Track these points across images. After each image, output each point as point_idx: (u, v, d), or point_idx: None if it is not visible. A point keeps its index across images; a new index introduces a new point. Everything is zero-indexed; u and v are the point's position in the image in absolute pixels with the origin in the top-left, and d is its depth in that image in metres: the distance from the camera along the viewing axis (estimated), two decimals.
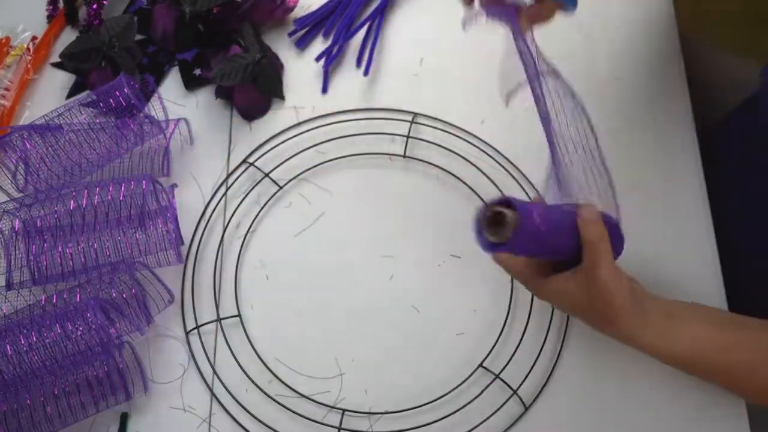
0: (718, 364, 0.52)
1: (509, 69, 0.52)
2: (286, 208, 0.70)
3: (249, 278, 0.68)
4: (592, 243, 0.48)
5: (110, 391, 0.59)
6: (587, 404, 0.61)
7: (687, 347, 0.52)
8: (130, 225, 0.62)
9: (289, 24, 0.78)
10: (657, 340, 0.51)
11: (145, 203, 0.63)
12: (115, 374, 0.59)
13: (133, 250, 0.63)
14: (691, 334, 0.52)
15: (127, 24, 0.75)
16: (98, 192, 0.62)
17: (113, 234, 0.62)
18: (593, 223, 0.49)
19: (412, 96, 0.73)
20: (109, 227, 0.62)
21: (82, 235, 0.61)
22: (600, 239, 0.48)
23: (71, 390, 0.58)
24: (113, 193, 0.62)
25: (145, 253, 0.63)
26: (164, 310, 0.65)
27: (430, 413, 0.61)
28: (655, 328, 0.51)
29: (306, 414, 0.61)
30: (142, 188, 0.63)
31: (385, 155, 0.71)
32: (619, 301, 0.49)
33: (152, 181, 0.64)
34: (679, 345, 0.52)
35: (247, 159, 0.72)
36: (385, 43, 0.77)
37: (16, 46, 0.79)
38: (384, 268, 0.67)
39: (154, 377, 0.64)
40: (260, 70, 0.72)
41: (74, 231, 0.61)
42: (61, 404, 0.58)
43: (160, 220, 0.63)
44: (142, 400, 0.63)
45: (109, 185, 0.63)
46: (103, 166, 0.69)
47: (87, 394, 0.58)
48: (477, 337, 0.64)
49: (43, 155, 0.64)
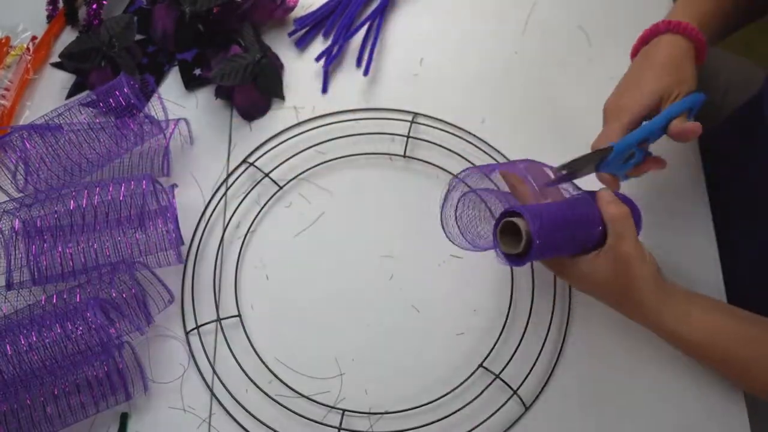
0: (737, 357, 0.53)
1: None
2: (286, 208, 0.70)
3: (249, 278, 0.68)
4: (616, 220, 0.50)
5: (110, 392, 0.59)
6: (587, 404, 0.61)
7: (707, 334, 0.53)
8: (130, 225, 0.62)
9: (289, 24, 0.78)
10: (677, 323, 0.53)
11: (145, 203, 0.63)
12: (115, 374, 0.59)
13: (133, 250, 0.62)
14: (712, 322, 0.53)
15: (127, 24, 0.75)
16: (98, 192, 0.62)
17: (113, 234, 0.62)
18: (614, 203, 0.51)
19: (412, 96, 0.73)
20: (109, 227, 0.62)
21: (82, 235, 0.61)
22: (623, 216, 0.51)
23: (71, 390, 0.58)
24: (113, 193, 0.62)
25: (145, 253, 0.63)
26: (164, 310, 0.65)
27: (430, 413, 0.61)
28: (676, 311, 0.53)
29: (306, 414, 0.61)
30: (142, 188, 0.63)
31: (385, 155, 0.71)
32: (643, 273, 0.51)
33: (152, 181, 0.64)
34: (699, 331, 0.53)
35: (247, 159, 0.72)
36: (385, 43, 0.77)
37: (16, 46, 0.79)
38: (384, 268, 0.67)
39: (154, 377, 0.64)
40: (260, 70, 0.72)
41: (74, 231, 0.61)
42: (61, 404, 0.58)
43: (160, 221, 0.63)
44: (142, 400, 0.63)
45: (109, 185, 0.63)
46: (103, 166, 0.69)
47: (87, 395, 0.58)
48: (477, 337, 0.64)
49: (43, 155, 0.64)
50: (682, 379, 0.60)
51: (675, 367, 0.61)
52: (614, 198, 0.52)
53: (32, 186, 0.65)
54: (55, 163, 0.65)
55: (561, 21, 0.77)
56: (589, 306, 0.64)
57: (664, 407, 0.60)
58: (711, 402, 0.60)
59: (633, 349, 0.62)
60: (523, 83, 0.74)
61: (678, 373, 0.61)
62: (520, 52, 0.75)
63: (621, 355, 0.62)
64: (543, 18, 0.77)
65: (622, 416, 0.60)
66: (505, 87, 0.74)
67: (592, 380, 0.61)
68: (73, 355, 0.57)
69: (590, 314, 0.64)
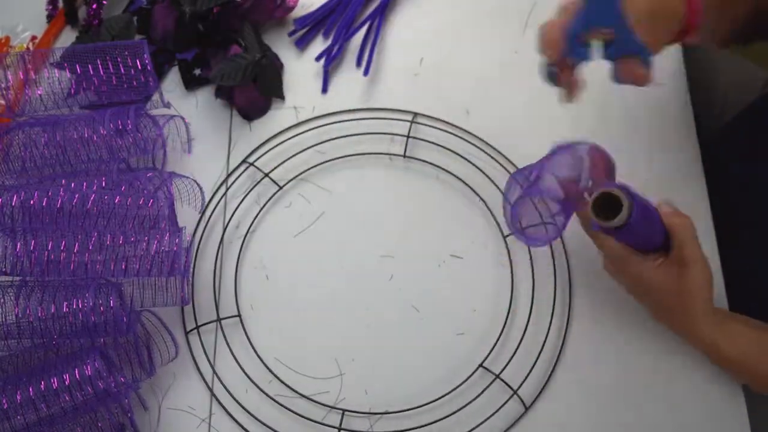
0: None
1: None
2: (286, 208, 0.70)
3: (249, 278, 0.68)
4: (680, 229, 0.53)
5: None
6: (587, 404, 0.61)
7: (743, 350, 0.55)
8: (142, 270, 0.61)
9: (289, 24, 0.78)
10: (719, 336, 0.55)
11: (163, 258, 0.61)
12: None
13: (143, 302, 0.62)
14: (748, 335, 0.56)
15: (126, 24, 0.75)
16: (120, 242, 0.60)
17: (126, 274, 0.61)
18: (677, 213, 0.54)
19: (412, 96, 0.73)
20: (127, 275, 0.61)
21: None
22: (687, 225, 0.53)
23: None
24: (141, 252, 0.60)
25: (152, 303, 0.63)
26: (164, 310, 0.64)
27: (430, 413, 0.61)
28: (719, 326, 0.55)
29: (306, 414, 0.61)
30: (172, 244, 0.61)
31: (385, 155, 0.71)
32: (700, 280, 0.53)
33: (179, 233, 0.62)
34: (737, 346, 0.55)
35: (247, 159, 0.72)
36: (385, 43, 0.77)
37: (16, 46, 0.79)
38: (384, 268, 0.67)
39: (153, 378, 0.64)
40: (260, 70, 0.72)
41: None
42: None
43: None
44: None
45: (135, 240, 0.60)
46: (101, 168, 0.69)
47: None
48: (477, 337, 0.64)
49: (40, 154, 0.64)
50: (682, 379, 0.60)
51: (675, 367, 0.61)
52: (675, 208, 0.54)
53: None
54: (54, 163, 0.65)
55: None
56: (590, 306, 0.64)
57: (664, 407, 0.60)
58: (711, 402, 0.60)
59: (633, 349, 0.62)
60: (523, 83, 0.74)
61: (678, 373, 0.61)
62: (520, 52, 0.75)
63: (621, 355, 0.62)
64: (543, 18, 0.77)
65: (622, 416, 0.60)
66: (505, 87, 0.74)
67: (592, 380, 0.61)
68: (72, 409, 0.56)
69: (590, 314, 0.64)
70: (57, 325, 0.57)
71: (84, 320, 0.57)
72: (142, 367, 0.60)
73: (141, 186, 0.64)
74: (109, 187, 0.63)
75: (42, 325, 0.57)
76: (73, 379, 0.56)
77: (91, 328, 0.57)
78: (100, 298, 0.58)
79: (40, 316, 0.57)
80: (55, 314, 0.57)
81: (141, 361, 0.60)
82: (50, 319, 0.57)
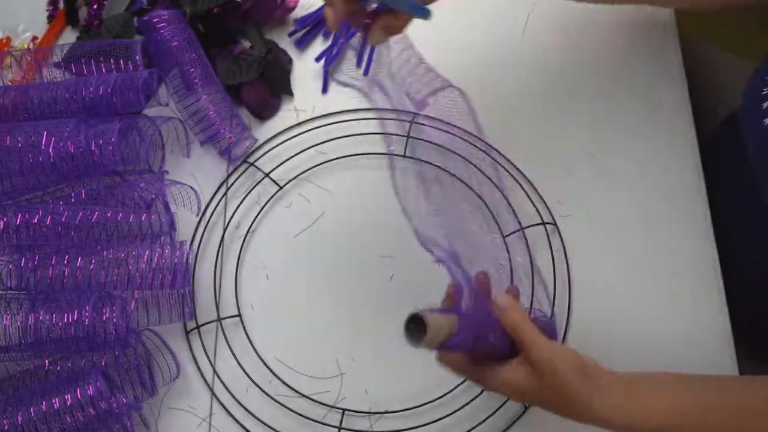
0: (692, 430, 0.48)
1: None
2: (286, 208, 0.70)
3: (249, 278, 0.68)
4: (515, 328, 0.47)
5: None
6: None
7: (647, 418, 0.47)
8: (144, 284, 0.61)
9: (289, 24, 0.78)
10: (613, 412, 0.47)
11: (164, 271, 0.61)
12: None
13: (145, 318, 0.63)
14: (656, 403, 0.48)
15: (126, 23, 0.75)
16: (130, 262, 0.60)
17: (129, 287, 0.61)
18: (510, 309, 0.48)
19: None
20: (131, 287, 0.61)
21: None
22: (521, 322, 0.47)
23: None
24: (142, 266, 0.60)
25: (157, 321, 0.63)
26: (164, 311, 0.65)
27: (430, 413, 0.61)
28: (610, 402, 0.47)
29: (306, 414, 0.61)
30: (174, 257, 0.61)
31: (385, 155, 0.71)
32: (564, 375, 0.46)
33: (184, 253, 0.62)
34: (638, 417, 0.47)
35: (247, 159, 0.72)
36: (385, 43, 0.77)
37: (17, 46, 0.79)
38: (384, 268, 0.67)
39: (154, 378, 0.64)
40: (267, 66, 0.72)
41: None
42: None
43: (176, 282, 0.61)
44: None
45: (136, 253, 0.61)
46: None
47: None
48: None
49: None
50: None
51: (675, 367, 0.61)
52: (510, 303, 0.48)
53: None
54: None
55: (561, 21, 0.77)
56: (589, 306, 0.64)
57: None
58: None
59: (632, 349, 0.62)
60: (523, 84, 0.74)
61: None
62: (520, 51, 0.75)
63: (620, 354, 0.62)
64: (543, 18, 0.77)
65: None
66: (504, 86, 0.74)
67: None
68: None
69: (590, 314, 0.64)
70: (57, 334, 0.57)
71: (86, 330, 0.57)
72: (143, 386, 0.60)
73: (135, 202, 0.64)
74: (101, 196, 0.64)
75: (45, 332, 0.57)
76: (74, 400, 0.55)
77: (91, 339, 0.57)
78: (104, 309, 0.58)
79: (42, 321, 0.57)
80: (56, 323, 0.57)
81: (142, 381, 0.60)
82: (50, 327, 0.57)
